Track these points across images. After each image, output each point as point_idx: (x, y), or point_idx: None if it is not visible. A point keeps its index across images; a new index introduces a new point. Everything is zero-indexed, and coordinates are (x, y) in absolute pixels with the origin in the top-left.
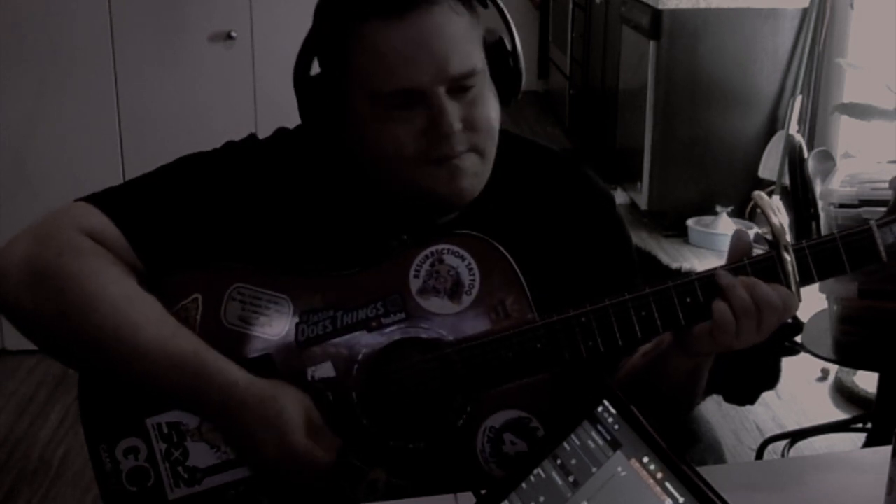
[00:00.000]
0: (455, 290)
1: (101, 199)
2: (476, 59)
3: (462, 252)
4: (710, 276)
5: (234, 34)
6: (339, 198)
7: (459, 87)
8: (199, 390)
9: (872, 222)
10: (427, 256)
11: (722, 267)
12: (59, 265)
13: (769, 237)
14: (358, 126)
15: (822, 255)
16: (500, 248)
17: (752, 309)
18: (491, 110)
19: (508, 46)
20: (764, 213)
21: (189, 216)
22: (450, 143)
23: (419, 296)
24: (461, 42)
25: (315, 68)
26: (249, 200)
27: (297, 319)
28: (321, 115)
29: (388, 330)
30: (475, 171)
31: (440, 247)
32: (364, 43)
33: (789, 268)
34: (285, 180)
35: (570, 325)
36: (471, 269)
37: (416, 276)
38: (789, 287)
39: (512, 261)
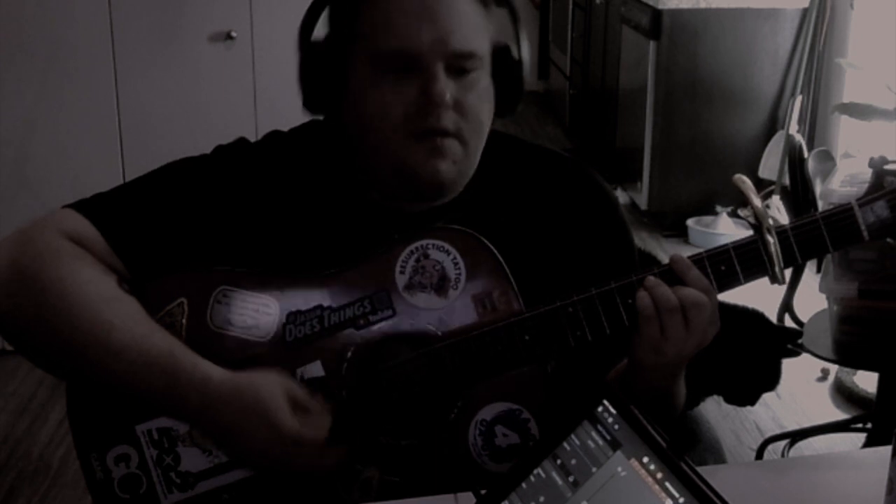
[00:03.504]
0: (441, 285)
1: (85, 206)
2: (478, 45)
3: (446, 246)
4: (695, 259)
5: (234, 34)
6: (329, 199)
7: (458, 67)
8: (176, 390)
9: (854, 202)
10: (412, 252)
11: (707, 251)
12: (38, 267)
13: (752, 220)
14: (353, 90)
15: (804, 236)
16: (485, 240)
17: (674, 303)
18: (483, 104)
19: (515, 56)
20: (745, 196)
21: (173, 221)
22: (437, 114)
23: (406, 291)
24: (467, 22)
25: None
26: (236, 203)
27: (283, 320)
28: (321, 78)
29: (376, 327)
30: (454, 159)
31: (425, 242)
32: (376, 1)
33: (772, 250)
34: (274, 182)
35: (557, 316)
36: (456, 263)
37: (402, 272)
38: (773, 268)
39: (497, 253)
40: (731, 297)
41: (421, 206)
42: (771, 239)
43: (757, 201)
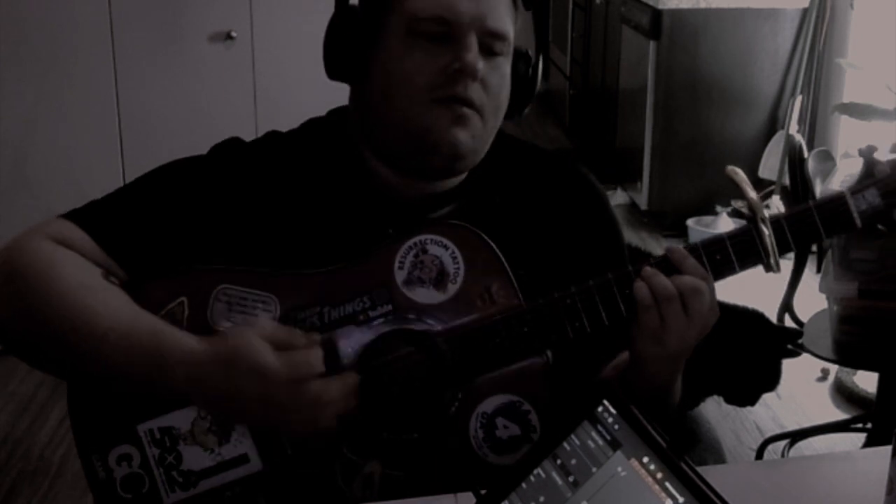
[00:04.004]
0: (440, 280)
1: (79, 215)
2: (509, 31)
3: (445, 241)
4: (691, 248)
5: (234, 34)
6: (326, 196)
7: (489, 48)
8: (164, 369)
9: (846, 189)
10: (410, 247)
11: (701, 241)
12: (25, 265)
13: (746, 211)
14: (385, 53)
15: (798, 225)
16: (483, 234)
17: (671, 291)
18: (504, 89)
19: (532, 60)
20: (739, 188)
21: (169, 224)
22: (465, 83)
23: (405, 287)
24: (502, 6)
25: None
26: (233, 201)
27: (284, 317)
28: (352, 41)
29: (375, 323)
30: (474, 133)
31: (423, 237)
32: None
33: (767, 240)
34: (270, 179)
35: (556, 307)
36: (455, 258)
37: (401, 268)
38: (767, 257)
39: (495, 247)
40: (731, 297)
41: (423, 187)
42: (765, 228)
43: (751, 192)
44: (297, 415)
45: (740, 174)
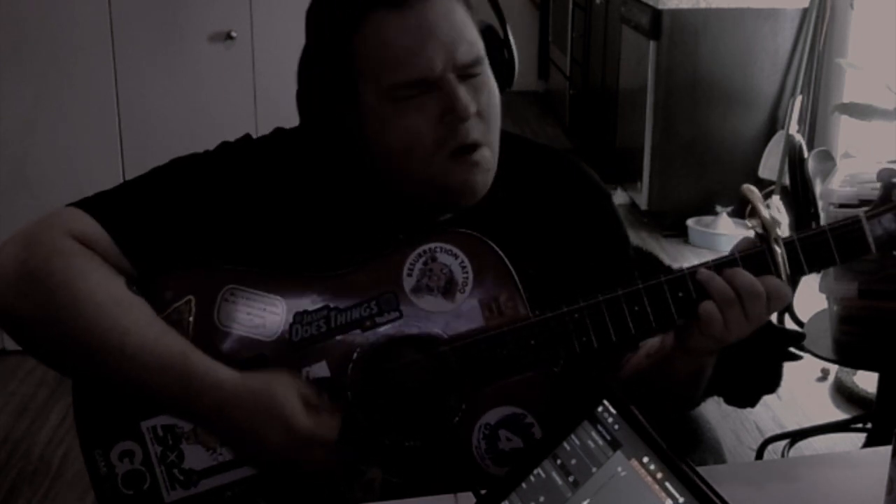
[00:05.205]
0: (449, 288)
1: (90, 204)
2: (479, 48)
3: (455, 250)
4: (699, 269)
5: (234, 34)
6: (335, 197)
7: (468, 74)
8: (189, 393)
9: (861, 214)
10: (420, 255)
11: (713, 261)
12: (48, 269)
13: (759, 230)
14: (369, 122)
15: (812, 248)
16: (493, 245)
17: (732, 297)
18: (493, 99)
19: (500, 35)
20: (754, 206)
21: (179, 218)
22: (465, 129)
23: (413, 294)
24: (465, 30)
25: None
26: (242, 200)
27: (290, 320)
28: (326, 117)
29: (382, 329)
30: (487, 167)
31: (433, 245)
32: (371, 36)
33: (779, 260)
34: (280, 179)
35: (564, 321)
36: (464, 267)
37: (410, 275)
38: (779, 279)
39: (504, 258)
40: None
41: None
42: (778, 249)
43: (765, 212)
44: (305, 467)
45: (755, 192)
